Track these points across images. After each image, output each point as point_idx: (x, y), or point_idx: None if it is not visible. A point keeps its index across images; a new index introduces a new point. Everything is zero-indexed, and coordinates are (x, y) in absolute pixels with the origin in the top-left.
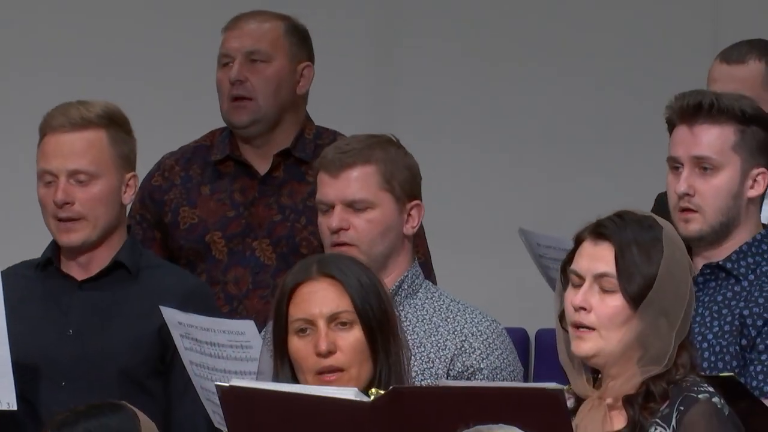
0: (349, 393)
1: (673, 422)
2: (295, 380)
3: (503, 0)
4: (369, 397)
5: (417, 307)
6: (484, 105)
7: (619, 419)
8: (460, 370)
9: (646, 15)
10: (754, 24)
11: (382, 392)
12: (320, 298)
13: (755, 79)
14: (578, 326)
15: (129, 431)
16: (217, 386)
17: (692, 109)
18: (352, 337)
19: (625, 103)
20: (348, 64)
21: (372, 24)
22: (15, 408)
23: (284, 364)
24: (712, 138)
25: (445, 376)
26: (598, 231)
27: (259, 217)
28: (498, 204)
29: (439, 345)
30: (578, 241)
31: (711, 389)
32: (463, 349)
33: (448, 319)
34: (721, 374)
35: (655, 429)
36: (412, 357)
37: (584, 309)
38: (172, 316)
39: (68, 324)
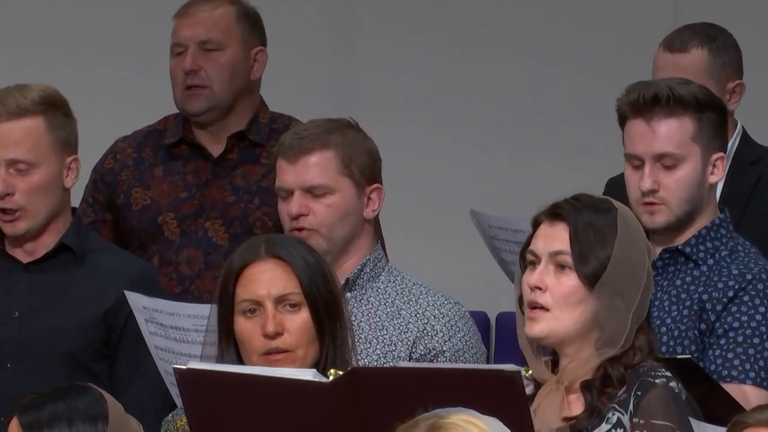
0: (307, 374)
1: (631, 407)
2: (240, 362)
3: None
4: (327, 378)
5: (379, 290)
6: (440, 89)
7: (577, 405)
8: (422, 352)
9: (604, 0)
10: (714, 8)
11: (341, 373)
12: (268, 279)
13: (698, 67)
14: (533, 306)
15: (96, 413)
16: (175, 369)
17: (648, 103)
18: (300, 318)
19: (580, 88)
20: (307, 49)
21: (331, 10)
22: None
23: (229, 345)
24: (671, 132)
25: (408, 358)
26: (555, 212)
27: (211, 198)
28: (457, 188)
29: (401, 328)
30: (536, 224)
31: (668, 374)
32: (425, 331)
33: (411, 302)
34: (678, 356)
35: (613, 414)
36: (375, 340)
37: (540, 288)
38: (136, 300)
39: (13, 306)
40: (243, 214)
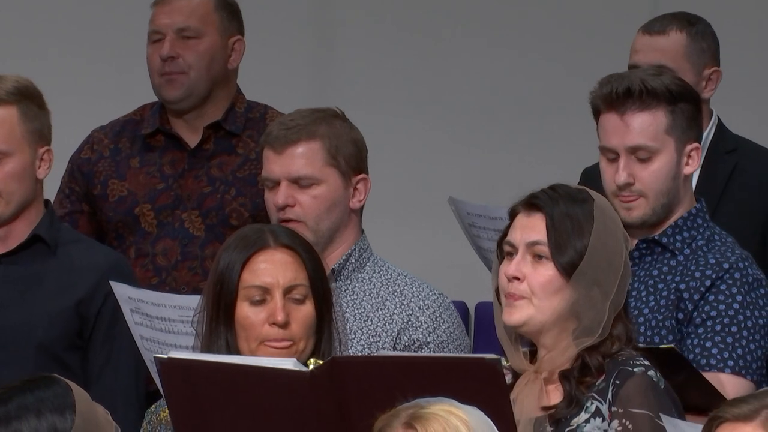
0: (288, 363)
1: (609, 396)
2: (233, 348)
3: None
4: (308, 367)
5: (364, 281)
6: (419, 80)
7: (556, 394)
8: (406, 343)
9: None
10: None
11: (321, 362)
12: (279, 268)
13: (676, 50)
14: (511, 295)
15: (64, 403)
16: (156, 358)
17: (622, 96)
18: (305, 310)
19: (558, 77)
20: (286, 39)
21: (310, 0)
22: None
23: (228, 330)
24: (645, 125)
25: (392, 349)
26: (531, 202)
27: (188, 189)
28: (435, 178)
29: (386, 319)
30: (512, 215)
31: (647, 362)
32: (410, 322)
33: (396, 293)
34: (661, 346)
35: (591, 403)
36: (360, 330)
37: (517, 279)
38: (122, 291)
39: None
40: (219, 204)
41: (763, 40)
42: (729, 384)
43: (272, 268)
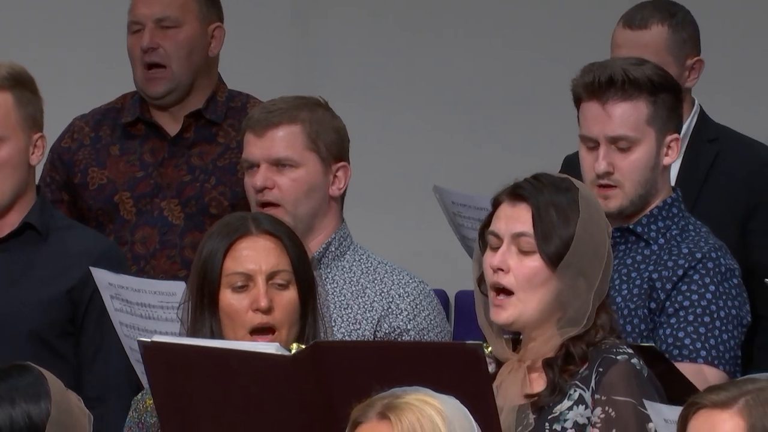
0: (270, 347)
1: (592, 384)
2: (218, 335)
3: None
4: (291, 351)
5: (344, 269)
6: (401, 68)
7: (539, 382)
8: (387, 331)
9: None
10: None
11: (303, 347)
12: (262, 255)
13: (659, 44)
14: (497, 287)
15: (38, 391)
16: (140, 342)
17: (604, 86)
18: (288, 296)
19: (538, 67)
20: (269, 29)
21: None
22: None
23: (213, 317)
24: (626, 115)
25: (372, 337)
26: (516, 193)
27: (168, 177)
28: (416, 165)
29: (366, 306)
30: (496, 204)
31: (630, 351)
32: (390, 310)
33: (376, 281)
34: (641, 344)
35: (575, 391)
36: (340, 318)
37: (502, 270)
38: (102, 277)
39: None
40: (199, 193)
41: (744, 29)
42: (709, 375)
43: (255, 255)
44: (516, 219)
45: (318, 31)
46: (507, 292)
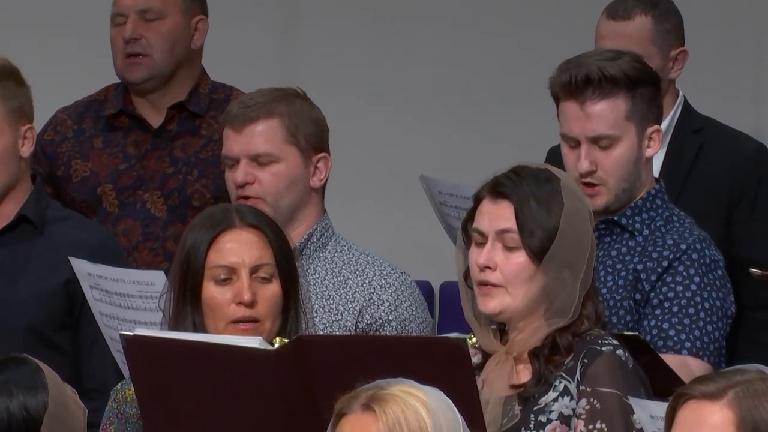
0: (253, 342)
1: (578, 375)
2: (200, 328)
3: None
4: (274, 345)
5: (326, 260)
6: (384, 59)
7: (525, 373)
8: (368, 321)
9: None
10: None
11: (287, 341)
12: (245, 248)
13: (642, 36)
14: (484, 285)
15: (35, 383)
16: (122, 335)
17: (581, 85)
18: (271, 290)
19: (521, 57)
20: (252, 21)
21: None
22: None
23: (195, 310)
24: (605, 114)
25: (354, 328)
26: (497, 189)
27: (150, 170)
28: (399, 156)
29: (347, 297)
30: (477, 200)
31: (615, 342)
32: (371, 301)
33: (357, 272)
34: (626, 333)
35: (560, 382)
36: (321, 309)
37: (489, 268)
38: (81, 267)
39: None
40: (181, 185)
41: (728, 19)
42: (694, 366)
43: (238, 248)
44: (499, 216)
45: (302, 23)
46: (495, 287)
